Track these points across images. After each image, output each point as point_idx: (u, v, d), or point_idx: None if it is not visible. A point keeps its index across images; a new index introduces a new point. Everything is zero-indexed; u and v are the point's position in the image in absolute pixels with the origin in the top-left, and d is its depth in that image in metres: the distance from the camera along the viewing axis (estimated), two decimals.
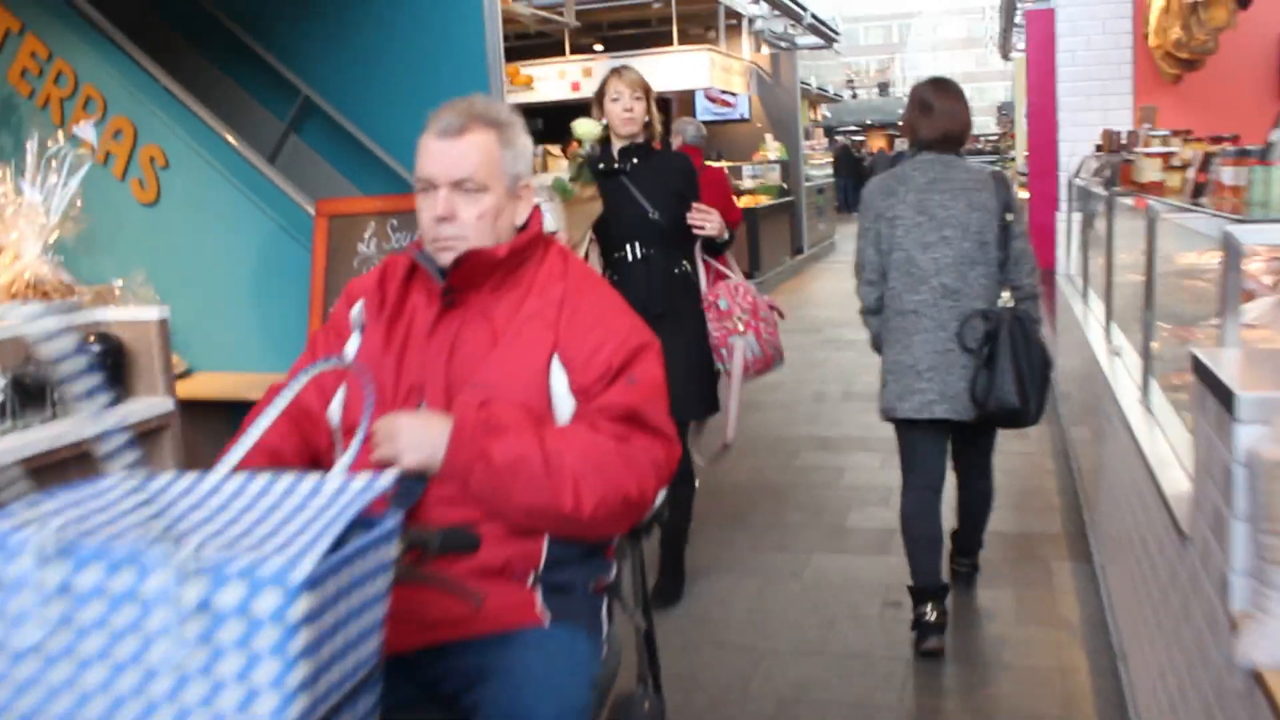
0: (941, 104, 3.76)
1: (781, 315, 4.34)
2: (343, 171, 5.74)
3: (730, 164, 15.70)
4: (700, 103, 17.85)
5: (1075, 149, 6.78)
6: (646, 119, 4.14)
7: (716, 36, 15.90)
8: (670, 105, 17.79)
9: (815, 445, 6.65)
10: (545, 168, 16.67)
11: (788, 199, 15.94)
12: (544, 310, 2.04)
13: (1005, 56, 24.04)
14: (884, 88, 59.19)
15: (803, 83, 24.68)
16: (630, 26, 17.32)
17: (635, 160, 4.11)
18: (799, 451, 6.52)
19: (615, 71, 4.20)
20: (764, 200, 14.83)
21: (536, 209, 2.15)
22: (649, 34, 16.56)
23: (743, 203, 14.17)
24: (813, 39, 21.53)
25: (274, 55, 5.56)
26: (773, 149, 15.99)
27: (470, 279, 2.03)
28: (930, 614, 3.79)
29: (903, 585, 4.08)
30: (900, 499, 4.00)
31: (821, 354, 9.52)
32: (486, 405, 1.94)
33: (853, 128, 43.65)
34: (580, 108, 14.96)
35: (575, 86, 15.16)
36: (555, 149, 17.56)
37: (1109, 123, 6.68)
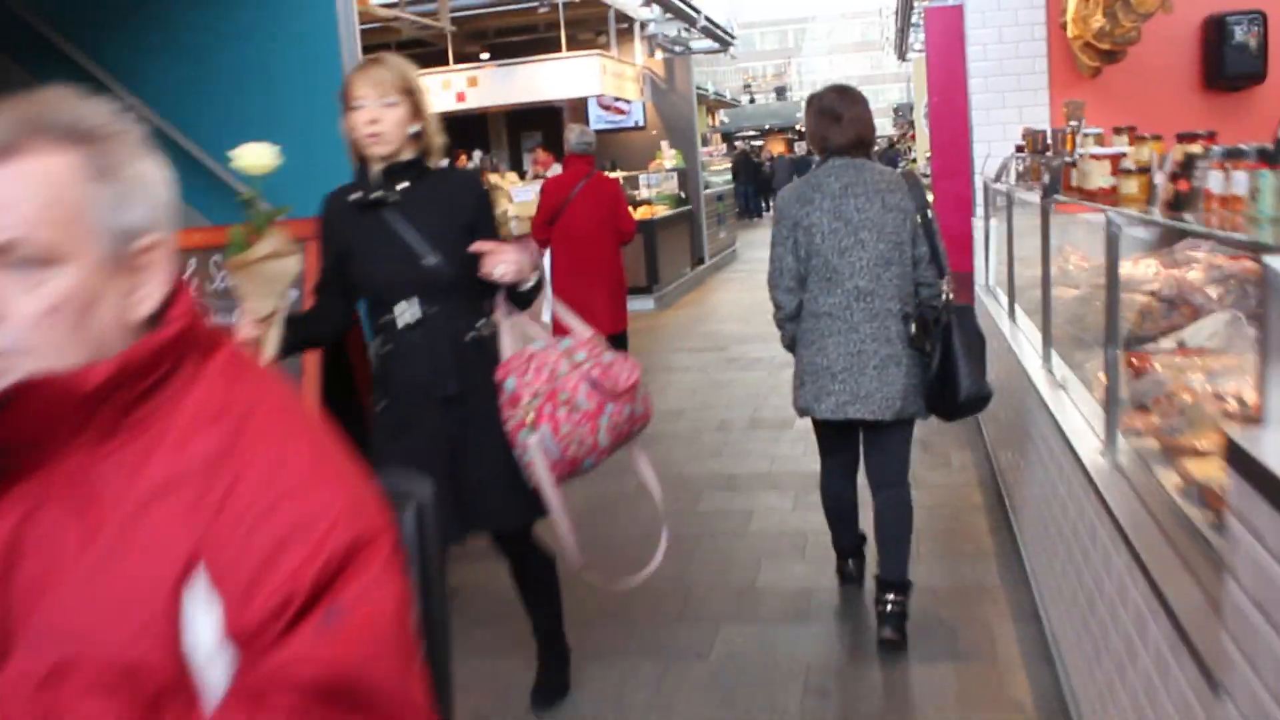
0: (850, 111, 3.82)
1: (622, 393, 3.15)
2: (189, 199, 5.05)
3: (626, 173, 15.07)
4: (593, 111, 17.21)
5: (991, 149, 6.25)
6: (416, 128, 3.11)
7: (608, 42, 15.27)
8: (561, 114, 17.14)
9: (720, 484, 6.01)
10: None
11: (686, 208, 15.35)
12: (182, 483, 1.15)
13: (902, 57, 23.82)
14: (781, 92, 59.24)
15: (699, 88, 24.18)
16: (517, 33, 16.61)
17: (403, 187, 3.07)
18: (702, 493, 5.87)
19: (359, 68, 3.11)
20: (662, 210, 14.22)
21: (183, 287, 1.27)
22: (537, 40, 15.88)
23: (640, 213, 13.54)
24: (708, 43, 20.99)
25: (104, 68, 4.88)
26: (669, 157, 15.40)
27: (37, 431, 1.15)
28: (850, 568, 4.47)
29: (826, 665, 3.87)
30: (819, 478, 4.32)
31: (725, 375, 8.91)
32: (54, 685, 1.06)
33: (751, 132, 43.36)
34: (468, 120, 14.17)
35: (460, 97, 14.41)
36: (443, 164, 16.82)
37: (1025, 120, 6.18)
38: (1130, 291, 3.96)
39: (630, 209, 8.27)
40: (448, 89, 14.42)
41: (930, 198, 9.32)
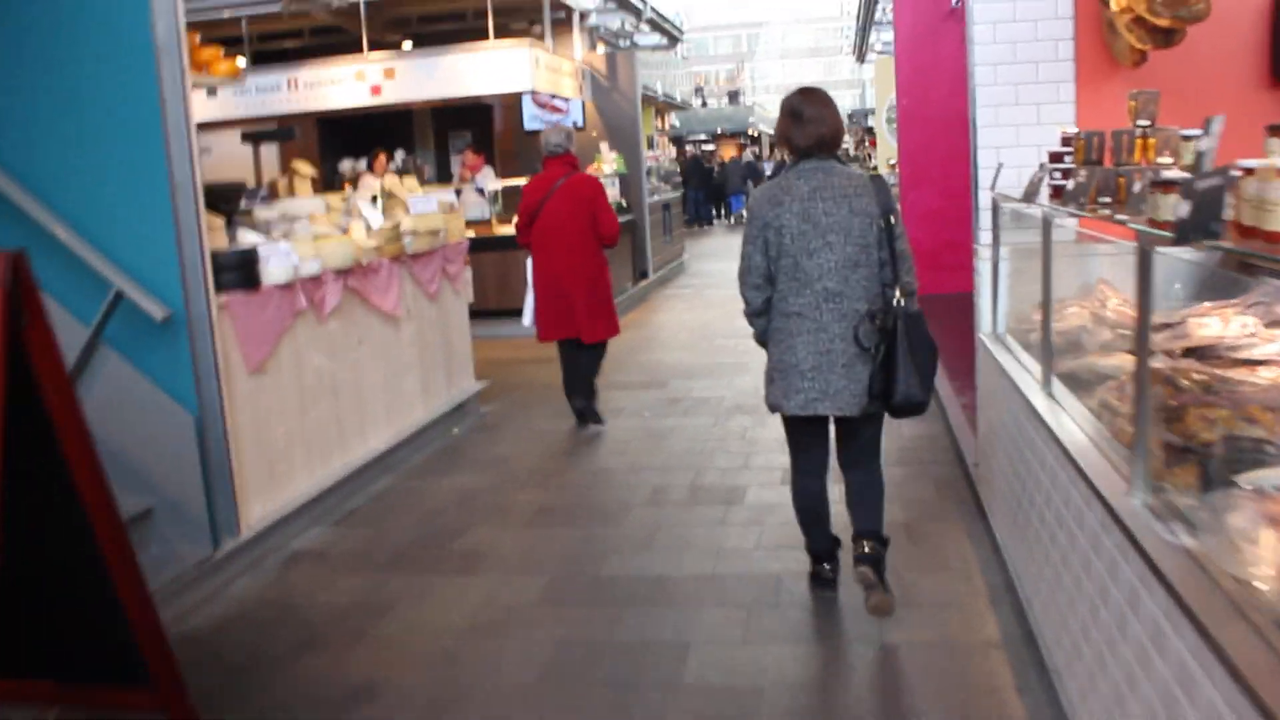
0: (811, 110, 3.93)
1: None
2: None
3: None
4: (527, 109, 15.68)
5: (1001, 157, 4.84)
6: None
7: (542, 32, 13.75)
8: (492, 111, 15.61)
9: (648, 593, 4.56)
10: (343, 185, 14.35)
11: (628, 217, 13.90)
12: None
13: (861, 59, 22.53)
14: (734, 96, 57.97)
15: (646, 88, 22.72)
16: (444, 20, 15.04)
17: None
18: (624, 610, 4.42)
19: None
20: None
21: None
22: (464, 29, 14.31)
23: None
24: (655, 38, 19.51)
25: None
26: (609, 160, 13.93)
27: None
28: (826, 570, 4.36)
29: None
30: (790, 482, 4.31)
31: (665, 422, 7.45)
32: None
33: (702, 136, 42.01)
34: (390, 116, 12.52)
35: (376, 90, 12.86)
36: (360, 165, 15.30)
37: (1045, 120, 4.79)
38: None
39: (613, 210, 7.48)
40: (361, 81, 12.87)
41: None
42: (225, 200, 5.85)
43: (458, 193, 14.35)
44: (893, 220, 3.89)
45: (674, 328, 11.71)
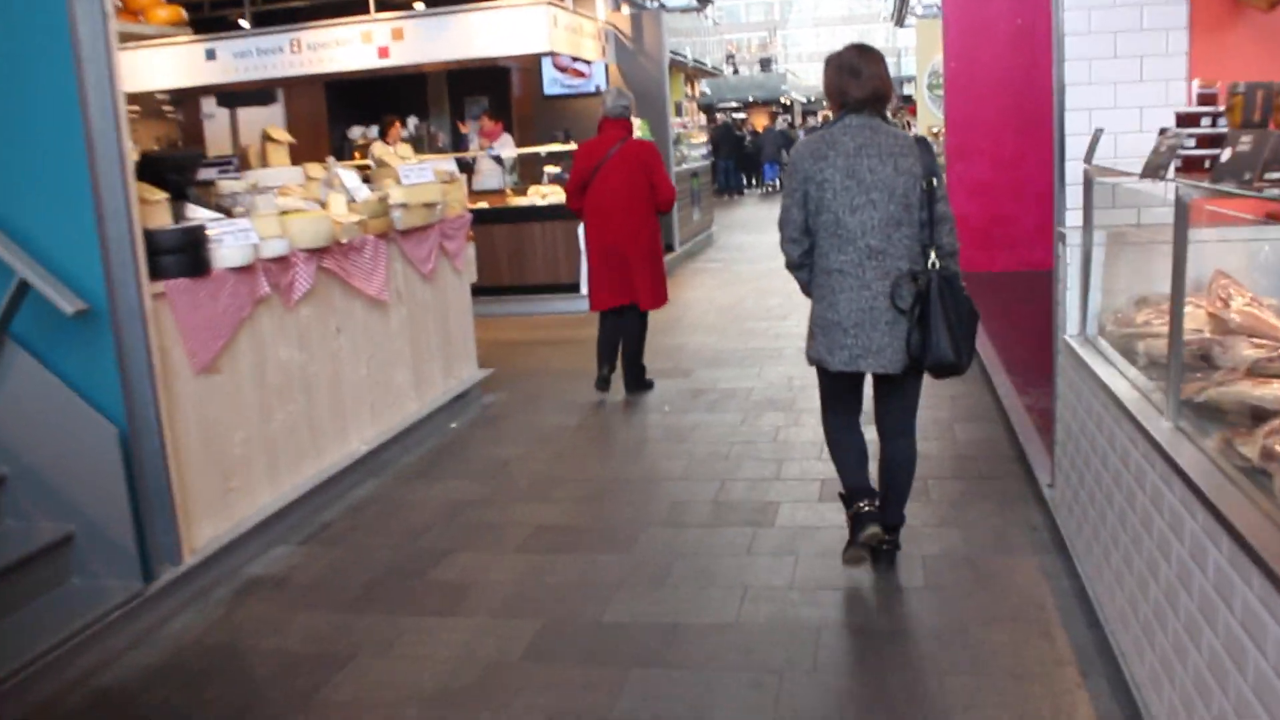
0: (868, 67, 3.91)
1: None
2: None
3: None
4: (547, 73, 14.79)
5: (1095, 121, 3.97)
6: None
7: None
8: (509, 75, 14.75)
9: (659, 647, 3.77)
10: (355, 155, 13.55)
11: None
12: None
13: (900, 23, 21.48)
14: (766, 63, 56.74)
15: (675, 53, 21.78)
16: None
17: None
18: (628, 672, 3.63)
19: None
20: None
21: None
22: None
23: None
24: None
25: None
26: (634, 127, 13.05)
27: None
28: (865, 506, 4.08)
29: None
30: (823, 423, 4.30)
31: (687, 418, 6.64)
32: None
33: (733, 104, 40.98)
34: (403, 80, 11.71)
35: (384, 52, 12.03)
36: (370, 132, 14.47)
37: (1150, 76, 3.93)
38: None
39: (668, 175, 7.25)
40: (368, 42, 12.05)
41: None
42: (177, 171, 5.07)
43: (472, 160, 13.57)
44: (935, 182, 3.87)
45: (701, 307, 10.85)
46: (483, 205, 11.30)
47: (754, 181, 30.22)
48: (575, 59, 14.20)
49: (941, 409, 6.40)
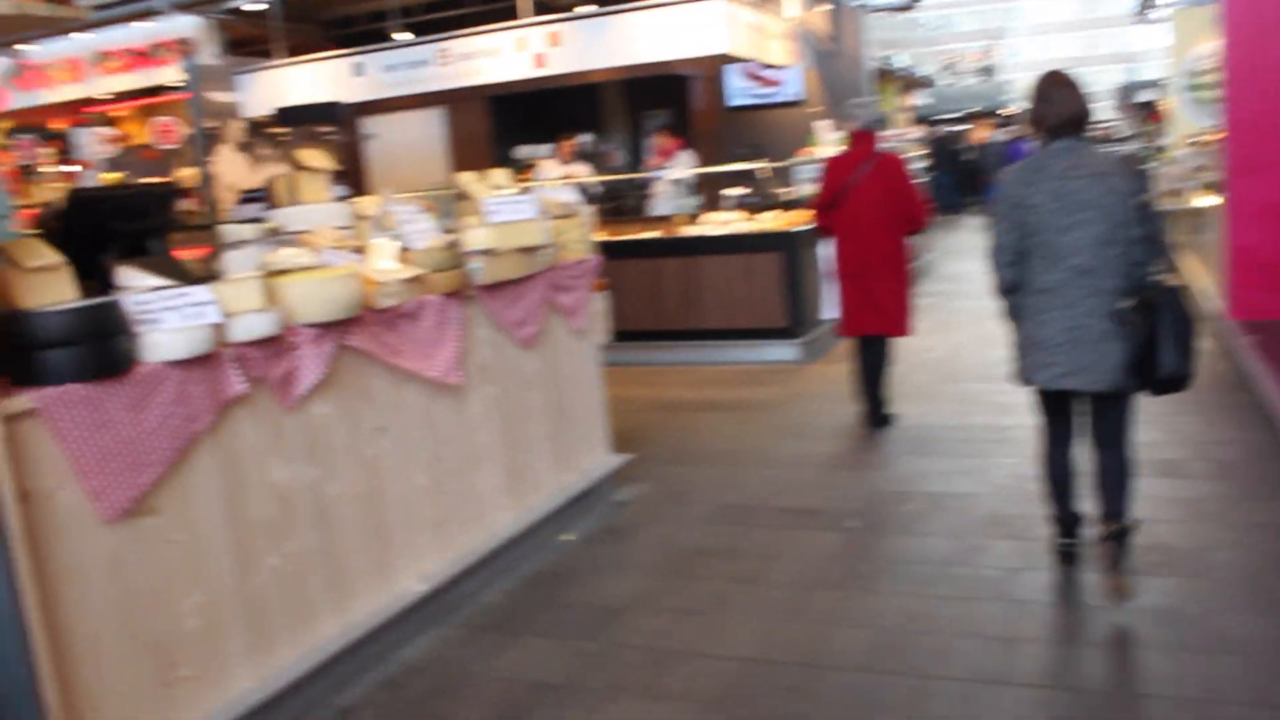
0: (1059, 92, 4.02)
1: None
2: None
3: (772, 164, 10.95)
4: (734, 82, 13.05)
5: None
6: None
7: None
8: (687, 85, 13.05)
9: None
10: (521, 175, 12.14)
11: None
12: None
13: (1145, 17, 18.78)
14: (987, 72, 53.42)
15: (886, 61, 19.74)
16: None
17: None
18: None
19: None
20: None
21: None
22: None
23: (785, 221, 9.47)
24: None
25: None
26: (829, 141, 11.16)
27: None
28: (1068, 545, 4.28)
29: None
30: (1039, 449, 4.30)
31: (879, 544, 4.77)
32: None
33: (951, 115, 38.31)
34: (561, 93, 10.19)
35: (540, 60, 10.58)
36: (540, 150, 13.06)
37: None
38: None
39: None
40: (523, 50, 10.62)
41: (1216, 202, 7.59)
42: (133, 216, 3.56)
43: (644, 183, 11.99)
44: (1143, 197, 3.90)
45: (907, 360, 8.76)
46: (654, 235, 9.67)
47: (972, 200, 27.35)
48: (767, 66, 12.45)
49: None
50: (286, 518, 3.62)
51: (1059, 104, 3.98)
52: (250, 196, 5.53)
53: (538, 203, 5.16)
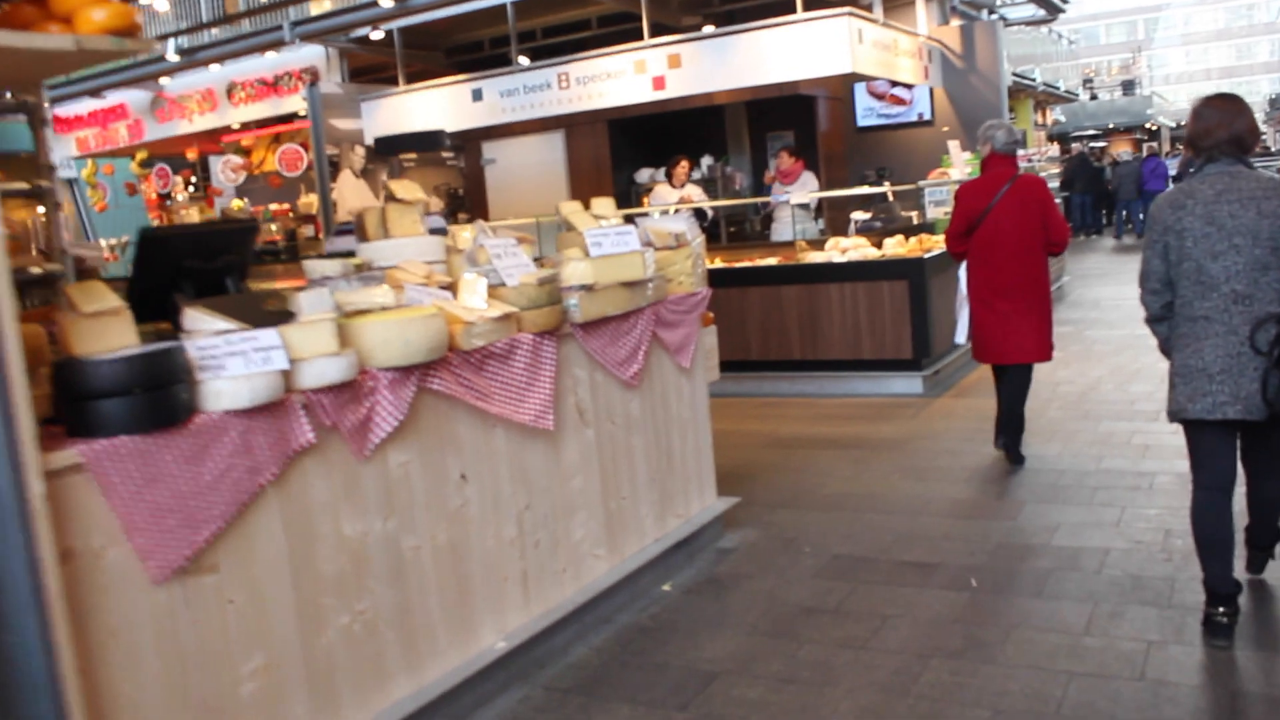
0: (1216, 115, 3.88)
1: None
2: None
3: (896, 187, 10.57)
4: (861, 101, 12.72)
5: None
6: None
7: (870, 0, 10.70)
8: (815, 105, 12.69)
9: None
10: (643, 201, 11.95)
11: None
12: None
13: None
14: (1128, 86, 51.61)
15: (1022, 76, 19.06)
16: None
17: None
18: None
19: None
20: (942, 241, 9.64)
21: None
22: (770, 2, 11.46)
23: (912, 247, 9.08)
24: (1028, 8, 15.80)
25: None
26: (960, 161, 10.70)
27: None
28: (1221, 616, 3.87)
29: None
30: (1190, 501, 4.00)
31: (1002, 606, 4.37)
32: None
33: (1091, 131, 37.05)
34: (683, 115, 9.83)
35: (659, 83, 10.35)
36: (659, 174, 12.85)
37: None
38: None
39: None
40: (642, 72, 10.41)
41: None
42: (207, 254, 3.42)
43: (764, 207, 11.69)
44: None
45: (1041, 393, 8.23)
46: (772, 261, 9.35)
47: (1112, 220, 26.18)
48: (895, 84, 12.06)
49: None
50: (358, 574, 3.42)
51: (1214, 125, 3.86)
52: (343, 229, 5.38)
53: (642, 234, 4.92)
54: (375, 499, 3.49)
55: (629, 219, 5.23)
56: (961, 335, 6.65)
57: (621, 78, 10.49)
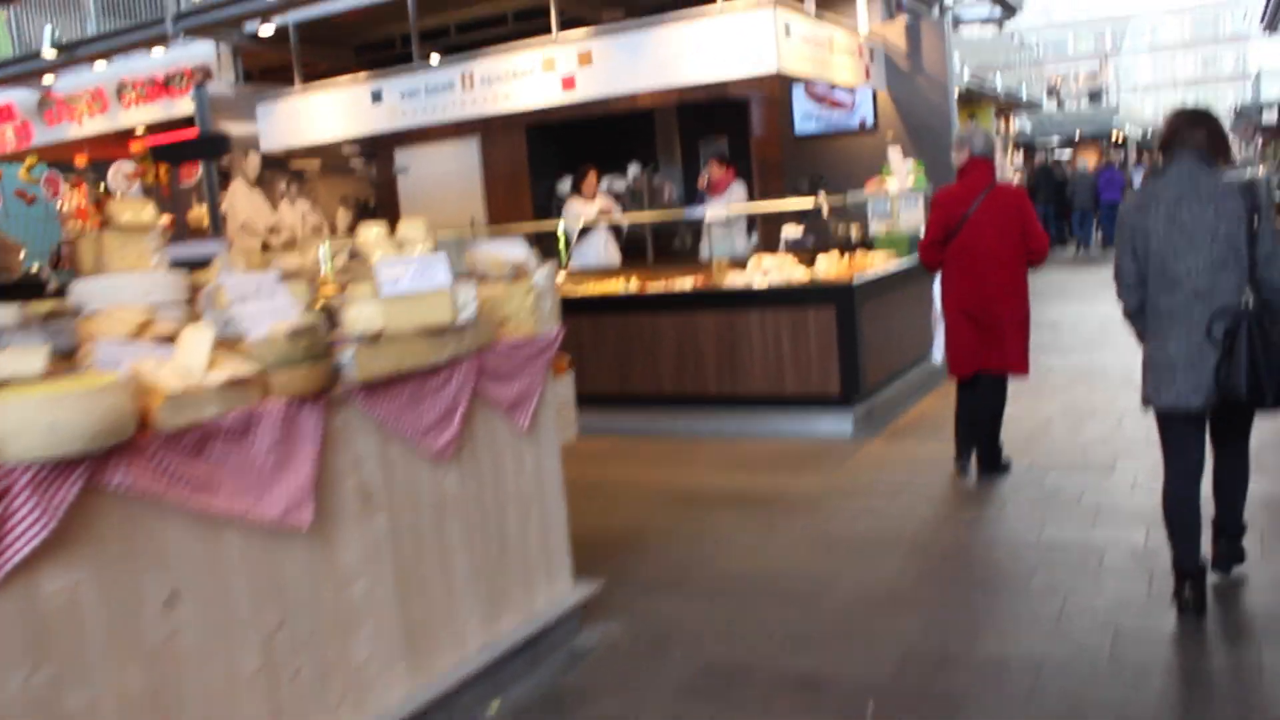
0: (1179, 120, 4.14)
1: None
2: None
3: (831, 198, 9.58)
4: (799, 106, 11.79)
5: None
6: None
7: None
8: (747, 110, 11.74)
9: None
10: (558, 213, 10.95)
11: None
12: None
13: (1273, 27, 17.06)
14: (1095, 95, 51.05)
15: (980, 82, 18.23)
16: None
17: None
18: None
19: None
20: (881, 261, 8.73)
21: None
22: None
23: (843, 268, 8.17)
24: (983, 7, 14.86)
25: None
26: (902, 172, 9.78)
27: None
28: (1189, 593, 4.12)
29: None
30: (1162, 484, 4.22)
31: None
32: None
33: (1056, 141, 36.34)
34: (610, 121, 8.72)
35: (568, 83, 9.35)
36: (584, 185, 11.82)
37: None
38: None
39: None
40: (550, 70, 9.42)
41: None
42: None
43: (697, 220, 10.74)
44: (1257, 220, 3.94)
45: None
46: (688, 284, 8.41)
47: (1073, 231, 25.23)
48: (833, 86, 11.14)
49: None
50: None
51: (1179, 129, 4.11)
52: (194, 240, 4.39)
53: (471, 263, 3.95)
54: (16, 642, 2.51)
55: (536, 237, 4.25)
56: (939, 354, 6.47)
57: (529, 77, 9.51)
